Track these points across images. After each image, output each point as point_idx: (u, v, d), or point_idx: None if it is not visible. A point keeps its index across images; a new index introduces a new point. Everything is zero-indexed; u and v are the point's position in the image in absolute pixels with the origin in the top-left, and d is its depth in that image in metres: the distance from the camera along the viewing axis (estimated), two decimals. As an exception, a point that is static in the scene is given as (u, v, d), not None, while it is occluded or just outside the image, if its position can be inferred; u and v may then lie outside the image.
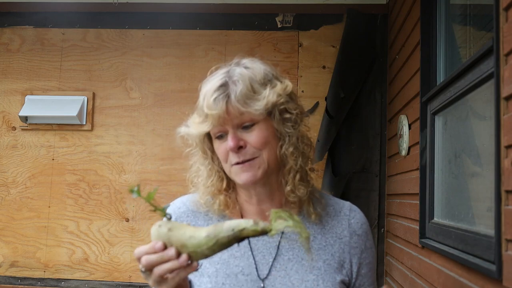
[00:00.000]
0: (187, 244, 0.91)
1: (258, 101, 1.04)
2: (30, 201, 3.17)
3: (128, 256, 3.09)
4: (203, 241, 0.91)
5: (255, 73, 1.08)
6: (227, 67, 1.11)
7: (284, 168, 1.11)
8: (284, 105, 1.08)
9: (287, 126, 1.09)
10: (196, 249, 0.91)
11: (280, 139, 1.10)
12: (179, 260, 0.91)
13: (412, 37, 2.39)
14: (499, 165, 1.28)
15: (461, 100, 1.75)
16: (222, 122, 1.05)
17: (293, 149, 1.09)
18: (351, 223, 1.17)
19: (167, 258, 0.92)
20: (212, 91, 1.05)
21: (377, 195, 2.97)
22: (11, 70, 3.27)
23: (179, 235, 0.92)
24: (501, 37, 1.31)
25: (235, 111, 1.04)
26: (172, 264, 0.91)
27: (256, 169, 1.07)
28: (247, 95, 1.04)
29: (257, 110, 1.04)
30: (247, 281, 1.10)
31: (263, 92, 1.06)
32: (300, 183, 1.11)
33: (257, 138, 1.06)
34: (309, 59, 3.12)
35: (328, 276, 1.11)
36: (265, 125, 1.07)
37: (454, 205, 1.84)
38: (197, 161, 1.18)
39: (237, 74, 1.07)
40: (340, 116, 2.96)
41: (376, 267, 1.23)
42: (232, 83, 1.05)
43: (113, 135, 3.18)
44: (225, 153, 1.08)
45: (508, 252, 1.23)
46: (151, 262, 0.92)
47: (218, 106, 1.03)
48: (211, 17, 3.18)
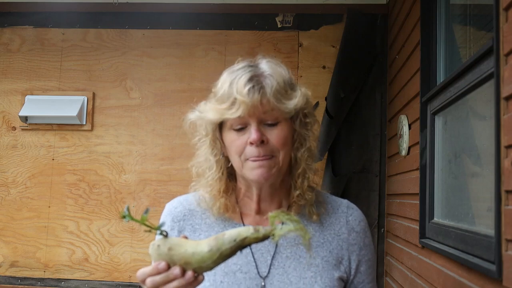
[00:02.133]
0: (191, 261, 0.91)
1: (290, 100, 1.06)
2: (30, 201, 3.17)
3: (128, 256, 3.09)
4: (206, 256, 0.90)
5: (283, 73, 1.10)
6: (253, 62, 1.11)
7: (294, 171, 1.12)
8: (307, 110, 1.11)
9: (308, 130, 1.11)
10: (201, 264, 0.91)
11: (296, 141, 1.11)
12: (185, 278, 0.91)
13: (412, 37, 2.39)
14: (499, 165, 1.28)
15: (461, 100, 1.75)
16: (252, 113, 1.04)
17: (308, 154, 1.11)
18: (349, 220, 1.17)
19: (172, 277, 0.91)
20: (245, 80, 1.04)
21: (377, 195, 2.97)
22: (11, 70, 3.27)
23: (181, 253, 0.91)
24: (501, 37, 1.31)
25: (267, 105, 1.04)
26: (179, 282, 0.91)
27: (272, 168, 1.07)
28: (281, 92, 1.06)
29: (287, 109, 1.06)
30: (245, 279, 1.10)
31: (294, 93, 1.08)
32: (307, 188, 1.13)
33: (278, 136, 1.07)
34: (309, 59, 3.12)
35: (326, 273, 1.11)
36: (286, 126, 1.08)
37: (454, 205, 1.84)
38: (203, 151, 1.15)
39: (269, 70, 1.07)
40: (340, 116, 2.96)
41: (376, 264, 1.23)
42: (265, 77, 1.06)
43: (113, 135, 3.18)
44: (242, 145, 1.07)
45: (508, 252, 1.23)
46: (157, 283, 0.91)
47: (252, 96, 1.03)
48: (211, 17, 3.18)
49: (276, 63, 1.12)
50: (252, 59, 1.13)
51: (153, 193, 3.12)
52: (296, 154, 1.11)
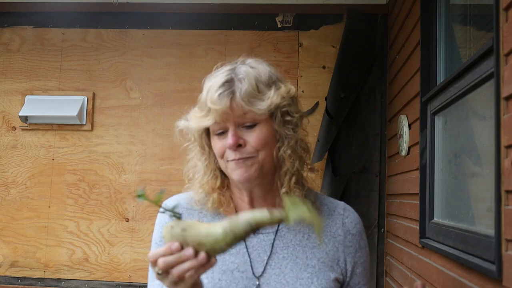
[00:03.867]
0: (204, 242, 0.90)
1: (262, 101, 1.05)
2: (30, 201, 3.17)
3: (128, 256, 3.09)
4: (220, 238, 0.90)
5: (261, 73, 1.09)
6: (232, 64, 1.12)
7: (280, 170, 1.12)
8: (286, 108, 1.09)
9: (288, 129, 1.10)
10: (214, 246, 0.90)
11: (279, 141, 1.10)
12: (198, 259, 0.90)
13: (412, 37, 2.38)
14: (499, 165, 1.28)
15: (461, 100, 1.75)
16: (225, 119, 1.05)
17: (291, 152, 1.10)
18: (345, 222, 1.18)
19: (185, 258, 0.90)
20: (217, 86, 1.05)
21: (377, 195, 2.97)
22: (11, 70, 3.27)
23: (195, 234, 0.91)
24: (501, 37, 1.31)
25: (238, 109, 1.04)
26: (191, 263, 0.90)
27: (251, 168, 1.07)
28: (252, 94, 1.05)
29: (260, 110, 1.05)
30: (242, 278, 1.10)
31: (267, 93, 1.06)
32: (295, 185, 1.12)
33: (257, 138, 1.07)
34: (309, 59, 3.12)
35: (323, 274, 1.12)
36: (266, 126, 1.08)
37: (454, 205, 1.84)
38: (194, 157, 1.18)
39: (243, 72, 1.07)
40: (340, 116, 2.96)
41: (370, 266, 1.24)
42: (237, 80, 1.06)
43: (113, 135, 3.18)
44: (222, 149, 1.09)
45: (508, 252, 1.23)
46: (169, 263, 0.91)
47: (222, 102, 1.04)
48: (211, 17, 3.18)
49: (257, 63, 1.12)
50: (235, 61, 1.13)
51: (153, 193, 3.09)
52: (278, 152, 1.10)
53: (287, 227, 1.15)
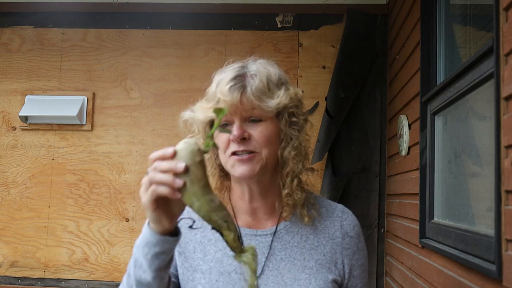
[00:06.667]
0: (195, 181, 0.87)
1: (271, 99, 1.07)
2: (30, 201, 3.17)
3: (128, 256, 3.08)
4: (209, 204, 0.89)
5: (271, 73, 1.11)
6: (244, 62, 1.13)
7: (282, 170, 1.13)
8: (293, 109, 1.12)
9: (293, 130, 1.12)
10: (198, 197, 0.88)
11: (283, 141, 1.12)
12: (176, 164, 0.86)
13: (412, 37, 2.39)
14: (499, 165, 1.28)
15: (461, 100, 1.75)
16: (233, 111, 1.06)
17: (295, 153, 1.12)
18: (344, 224, 1.18)
19: (167, 157, 0.87)
20: (228, 79, 1.07)
21: (377, 195, 2.97)
22: (11, 70, 3.27)
23: (199, 172, 0.87)
24: (501, 37, 1.31)
25: (248, 103, 1.06)
26: (169, 164, 0.86)
27: (254, 164, 1.08)
28: (263, 90, 1.07)
29: (269, 107, 1.07)
30: (240, 280, 1.11)
31: (277, 92, 1.09)
32: (297, 187, 1.13)
33: (261, 133, 1.08)
34: (309, 59, 3.12)
35: (320, 275, 1.12)
36: (271, 124, 1.10)
37: (454, 205, 1.84)
38: None
39: (255, 69, 1.10)
40: (340, 116, 2.96)
41: (368, 269, 1.24)
42: (249, 76, 1.08)
43: (113, 135, 3.18)
44: (226, 142, 1.09)
45: (508, 252, 1.23)
46: (155, 157, 0.88)
47: (232, 94, 1.05)
48: (211, 17, 3.18)
49: (267, 63, 1.14)
50: (246, 59, 1.15)
51: (153, 193, 3.11)
52: (282, 152, 1.12)
53: (285, 229, 1.16)
